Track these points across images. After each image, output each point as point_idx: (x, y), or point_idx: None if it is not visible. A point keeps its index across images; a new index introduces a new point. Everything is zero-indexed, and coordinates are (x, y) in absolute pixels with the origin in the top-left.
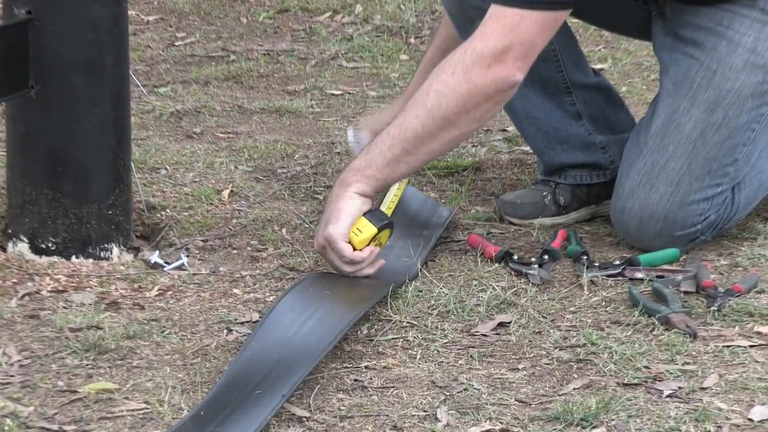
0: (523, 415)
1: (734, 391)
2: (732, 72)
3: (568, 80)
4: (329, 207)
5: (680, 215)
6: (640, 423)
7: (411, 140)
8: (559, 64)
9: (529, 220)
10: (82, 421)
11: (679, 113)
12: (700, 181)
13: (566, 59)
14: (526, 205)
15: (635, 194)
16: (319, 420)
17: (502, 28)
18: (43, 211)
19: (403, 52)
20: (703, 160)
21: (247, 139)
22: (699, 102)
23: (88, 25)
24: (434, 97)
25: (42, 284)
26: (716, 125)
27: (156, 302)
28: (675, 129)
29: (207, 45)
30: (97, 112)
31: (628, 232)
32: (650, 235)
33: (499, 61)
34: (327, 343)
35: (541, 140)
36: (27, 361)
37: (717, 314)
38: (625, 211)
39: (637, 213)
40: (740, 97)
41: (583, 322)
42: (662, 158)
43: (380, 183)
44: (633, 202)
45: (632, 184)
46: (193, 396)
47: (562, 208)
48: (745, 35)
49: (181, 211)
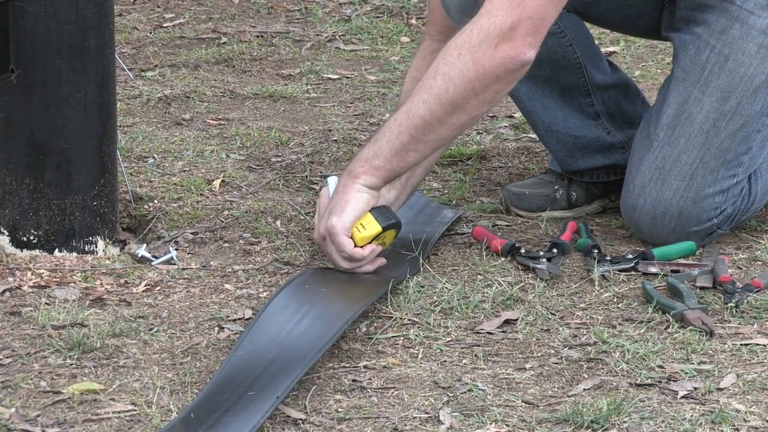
0: (530, 417)
1: (753, 391)
2: (746, 57)
3: (589, 84)
4: (335, 197)
5: (695, 211)
6: (654, 425)
7: (419, 127)
8: (582, 71)
9: (537, 213)
10: (65, 424)
11: (690, 103)
12: (715, 174)
13: (587, 63)
14: (534, 197)
15: (647, 190)
16: (315, 422)
17: (508, 3)
18: (25, 202)
19: (404, 34)
20: (716, 152)
21: (240, 126)
22: (711, 90)
23: (71, 6)
24: (441, 81)
25: (23, 279)
26: (730, 114)
27: (143, 298)
28: (686, 120)
29: (197, 26)
30: (81, 98)
31: (641, 230)
32: (664, 233)
33: (507, 39)
34: (324, 343)
35: (561, 151)
36: (8, 360)
37: (735, 311)
38: (637, 208)
39: (650, 210)
40: (754, 84)
41: (594, 319)
42: (674, 151)
43: (389, 173)
44: (645, 198)
45: (643, 179)
46: (183, 397)
47: (574, 204)
48: (759, 17)
49: (170, 202)
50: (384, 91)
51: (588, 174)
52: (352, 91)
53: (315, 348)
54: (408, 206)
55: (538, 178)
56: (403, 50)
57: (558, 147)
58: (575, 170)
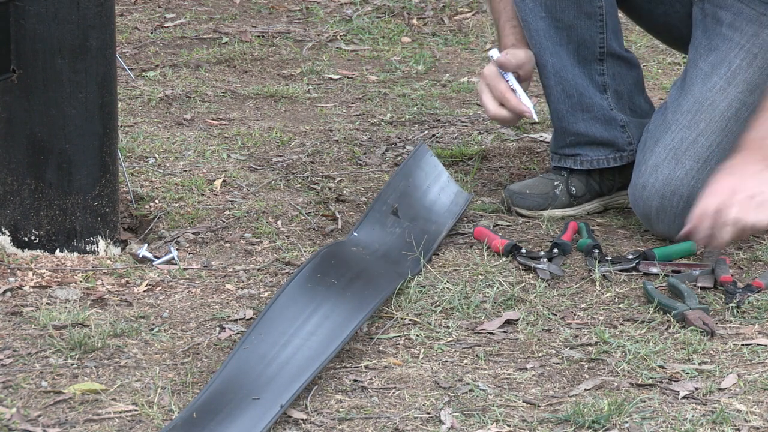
0: (531, 417)
1: (754, 392)
2: None
3: (606, 45)
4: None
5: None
6: (655, 425)
7: None
8: (603, 25)
9: (538, 212)
10: (67, 424)
11: (715, 91)
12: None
13: (610, 22)
14: (535, 195)
15: (659, 169)
16: (316, 422)
17: None
18: (26, 202)
19: (405, 34)
20: (733, 140)
21: (241, 126)
22: (738, 81)
23: (72, 6)
24: None
25: (24, 279)
26: (752, 106)
27: (144, 298)
28: (709, 106)
29: (198, 26)
30: (82, 98)
31: (648, 212)
32: (671, 215)
33: None
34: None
35: (565, 103)
36: (9, 360)
37: (736, 311)
38: (648, 186)
39: (660, 189)
40: None
41: (595, 319)
42: (692, 134)
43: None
44: (656, 177)
45: (657, 159)
46: (184, 397)
47: (574, 199)
48: None
49: (171, 202)
50: (385, 91)
51: (587, 157)
52: (353, 91)
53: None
54: (420, 180)
55: (539, 177)
56: (404, 50)
57: (563, 98)
58: (574, 134)
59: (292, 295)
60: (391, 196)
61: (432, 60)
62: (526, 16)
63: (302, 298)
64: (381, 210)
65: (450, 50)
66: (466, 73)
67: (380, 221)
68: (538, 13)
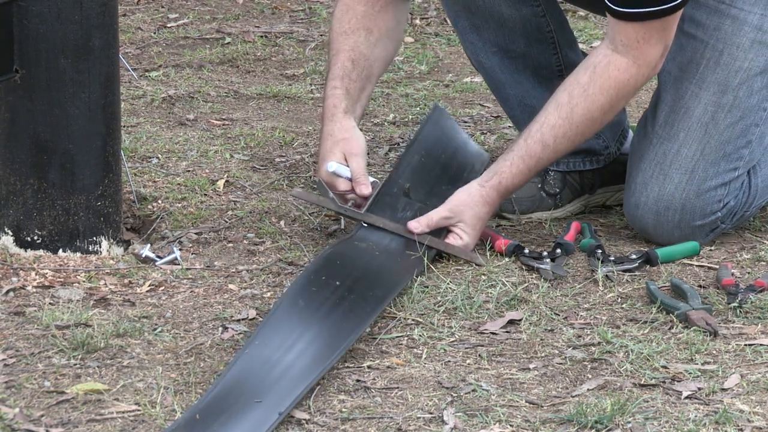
0: (534, 417)
1: (756, 392)
2: (740, 51)
3: (563, 62)
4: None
5: (698, 203)
6: (658, 426)
7: None
8: (555, 46)
9: (526, 215)
10: (69, 424)
11: (687, 98)
12: (716, 166)
13: (562, 41)
14: (522, 200)
15: (648, 186)
16: (319, 423)
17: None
18: (29, 202)
19: (408, 34)
20: (716, 144)
21: (244, 126)
22: (707, 84)
23: (75, 6)
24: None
25: (27, 279)
26: (728, 107)
27: (147, 298)
28: (684, 114)
29: (201, 26)
30: (85, 98)
31: (646, 228)
32: (669, 228)
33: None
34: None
35: None
36: (12, 360)
37: (738, 311)
38: (640, 205)
39: (653, 206)
40: (750, 77)
41: (598, 319)
42: (674, 146)
43: None
44: (647, 195)
45: (644, 176)
46: (187, 397)
47: (554, 197)
48: (750, 13)
49: (174, 203)
50: (387, 91)
51: (563, 161)
52: None
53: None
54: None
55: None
56: (406, 51)
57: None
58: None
59: (296, 299)
60: (403, 175)
61: (435, 60)
62: (478, 56)
63: (306, 301)
64: (392, 193)
65: (453, 50)
66: (468, 74)
67: (391, 205)
68: (489, 50)
